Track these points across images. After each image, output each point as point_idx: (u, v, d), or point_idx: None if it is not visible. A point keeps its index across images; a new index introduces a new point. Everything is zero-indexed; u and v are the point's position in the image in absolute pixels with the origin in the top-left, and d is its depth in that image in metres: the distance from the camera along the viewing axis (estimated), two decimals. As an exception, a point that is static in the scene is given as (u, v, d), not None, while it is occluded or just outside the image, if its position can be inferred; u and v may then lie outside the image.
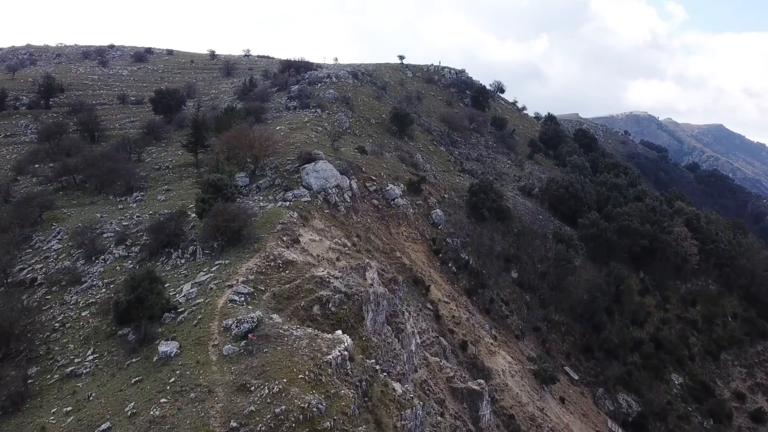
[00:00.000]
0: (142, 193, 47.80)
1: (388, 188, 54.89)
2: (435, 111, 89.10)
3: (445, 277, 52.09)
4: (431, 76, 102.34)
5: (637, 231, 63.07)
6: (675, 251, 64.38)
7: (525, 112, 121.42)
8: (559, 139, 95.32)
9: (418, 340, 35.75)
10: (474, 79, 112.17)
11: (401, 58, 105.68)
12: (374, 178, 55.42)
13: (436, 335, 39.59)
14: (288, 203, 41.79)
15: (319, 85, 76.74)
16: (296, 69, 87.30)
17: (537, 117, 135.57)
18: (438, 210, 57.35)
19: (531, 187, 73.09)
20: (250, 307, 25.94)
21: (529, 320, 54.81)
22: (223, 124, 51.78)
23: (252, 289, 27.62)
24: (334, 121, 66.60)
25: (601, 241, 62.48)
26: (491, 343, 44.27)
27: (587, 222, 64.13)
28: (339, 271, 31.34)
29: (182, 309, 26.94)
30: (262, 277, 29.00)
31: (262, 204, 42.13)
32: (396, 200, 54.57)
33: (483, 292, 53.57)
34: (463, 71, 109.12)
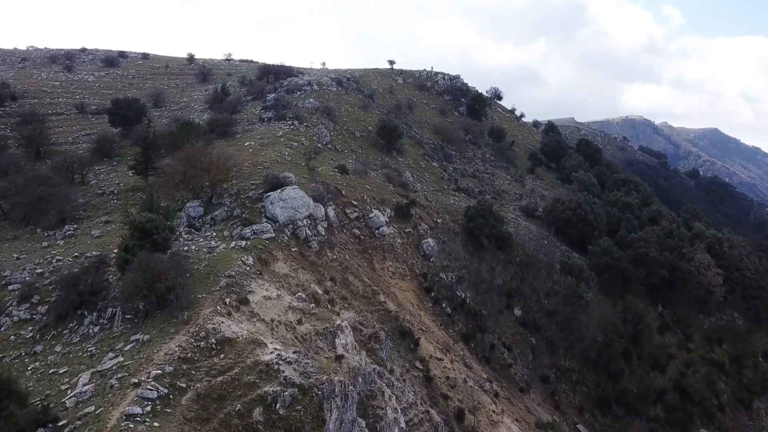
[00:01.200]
0: (75, 227, 39.99)
1: (371, 215, 47.25)
2: (427, 121, 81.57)
3: (438, 321, 44.46)
4: (423, 83, 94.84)
5: (655, 260, 55.65)
6: (697, 282, 57.01)
7: (524, 120, 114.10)
8: (562, 151, 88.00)
9: (403, 424, 28.10)
10: (470, 85, 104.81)
11: (391, 63, 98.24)
12: (356, 203, 47.79)
13: (425, 409, 31.92)
14: (245, 243, 34.12)
15: (299, 93, 69.12)
16: (275, 75, 79.63)
17: (535, 125, 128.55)
18: (430, 239, 49.73)
19: (534, 207, 65.60)
20: (156, 424, 18.22)
21: (536, 368, 47.23)
22: (177, 142, 44.04)
23: (167, 390, 19.92)
24: (312, 135, 58.97)
25: (615, 272, 55.05)
26: (493, 411, 36.62)
27: (599, 250, 56.65)
28: (294, 351, 23.69)
29: (64, 422, 19.18)
30: (185, 367, 21.34)
31: (212, 244, 34.43)
32: (381, 229, 46.94)
33: (482, 336, 45.97)
34: (457, 77, 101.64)
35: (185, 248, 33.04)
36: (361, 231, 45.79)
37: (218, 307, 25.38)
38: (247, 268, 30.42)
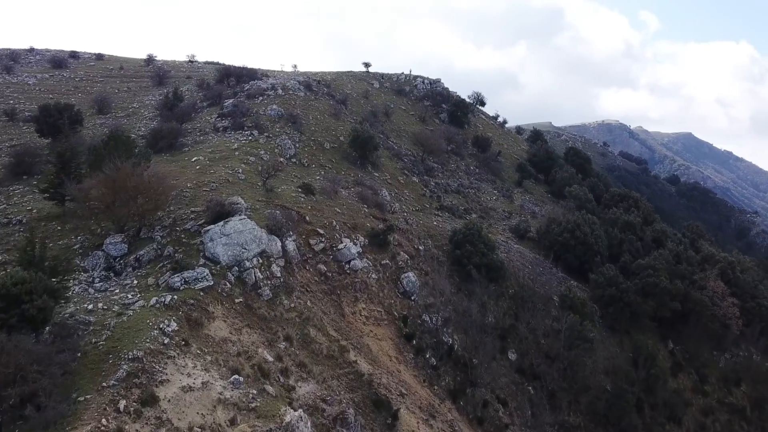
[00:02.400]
0: (-40, 269, 31.51)
1: (341, 246, 39.45)
2: (406, 130, 74.06)
3: (421, 377, 36.82)
4: (401, 87, 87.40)
5: (666, 290, 48.82)
6: (712, 314, 50.38)
7: (507, 126, 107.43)
8: (552, 161, 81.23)
9: None
10: (450, 89, 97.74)
11: (367, 65, 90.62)
12: (322, 231, 39.95)
13: None
14: (170, 297, 26.08)
15: (261, 98, 61.01)
16: (237, 78, 71.44)
17: (518, 131, 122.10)
18: (410, 273, 42.09)
19: (525, 227, 58.45)
20: None
21: (537, 426, 39.91)
22: (101, 160, 35.74)
23: None
24: (274, 147, 51.03)
25: (621, 305, 48.07)
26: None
27: (602, 279, 49.62)
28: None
29: None
30: None
31: (129, 298, 26.36)
32: (352, 263, 39.17)
33: (473, 392, 38.48)
34: (438, 81, 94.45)
35: (88, 307, 24.95)
36: (328, 266, 37.96)
37: (105, 420, 17.41)
38: (166, 341, 22.46)
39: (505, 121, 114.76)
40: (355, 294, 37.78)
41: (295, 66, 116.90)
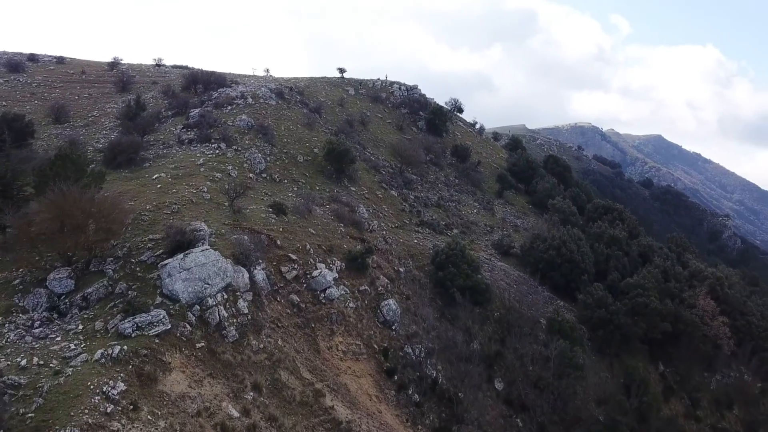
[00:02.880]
0: None
1: (316, 273, 36.32)
2: (383, 139, 71.19)
3: (404, 416, 33.88)
4: (378, 94, 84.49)
5: (656, 311, 46.78)
6: (702, 333, 48.51)
7: (484, 131, 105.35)
8: (532, 171, 79.16)
9: None
10: (428, 96, 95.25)
11: (342, 71, 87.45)
12: (295, 256, 36.79)
13: None
14: (119, 349, 22.71)
15: (229, 108, 57.50)
16: (204, 85, 67.65)
17: (495, 137, 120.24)
18: (391, 301, 39.11)
19: (509, 244, 55.97)
20: None
21: (526, 464, 37.33)
22: (46, 183, 32.01)
23: None
24: (243, 161, 47.67)
25: (611, 327, 45.82)
26: None
27: (591, 300, 47.36)
28: None
29: None
30: None
31: (71, 349, 22.94)
32: (328, 291, 36.06)
33: (459, 429, 35.67)
34: (415, 87, 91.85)
35: (22, 362, 21.45)
36: (301, 297, 34.80)
37: None
38: (110, 409, 19.09)
39: (482, 128, 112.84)
40: (331, 326, 34.68)
41: (267, 70, 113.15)
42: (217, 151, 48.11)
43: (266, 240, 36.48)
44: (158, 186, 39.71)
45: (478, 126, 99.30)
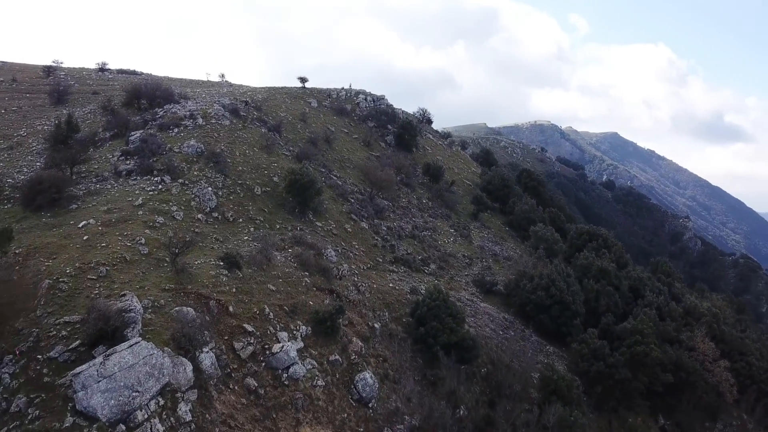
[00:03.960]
0: None
1: (276, 348, 30.23)
2: (350, 158, 65.20)
3: None
4: (342, 106, 78.35)
5: (658, 361, 42.34)
6: (705, 381, 44.37)
7: (454, 143, 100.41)
8: (508, 189, 74.41)
9: None
10: (395, 106, 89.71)
11: (303, 81, 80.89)
12: (251, 327, 30.63)
13: None
14: None
15: (176, 130, 50.59)
16: (149, 100, 60.25)
17: (463, 146, 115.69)
18: (366, 374, 33.28)
19: (492, 281, 50.87)
20: None
21: None
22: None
23: None
24: (190, 198, 41.05)
25: (611, 383, 41.13)
26: None
27: (587, 352, 42.58)
28: None
29: None
30: None
31: None
32: (292, 369, 30.05)
33: None
34: (381, 98, 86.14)
35: None
36: (259, 380, 28.69)
37: None
38: None
39: (448, 135, 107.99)
40: (296, 415, 28.68)
41: (223, 76, 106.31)
42: (160, 186, 41.35)
43: (216, 307, 30.25)
44: (85, 238, 32.88)
45: (447, 141, 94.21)
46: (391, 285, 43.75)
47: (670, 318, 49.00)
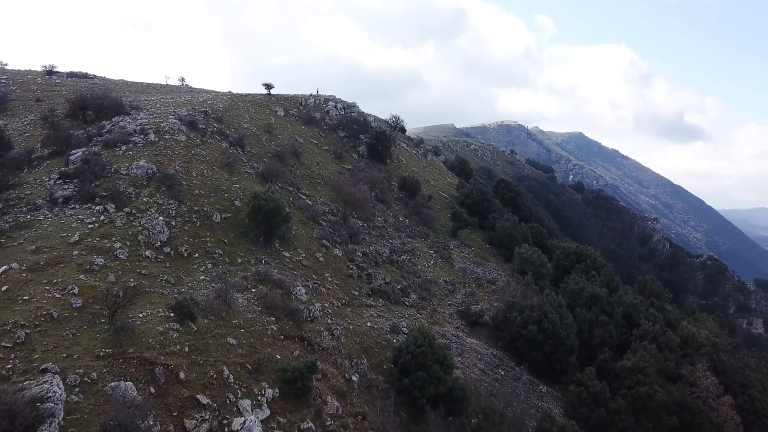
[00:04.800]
0: None
1: (237, 424, 25.17)
2: (320, 173, 60.25)
3: None
4: (311, 115, 73.32)
5: (662, 404, 38.64)
6: (710, 422, 40.90)
7: (431, 154, 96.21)
8: (488, 203, 70.47)
9: None
10: (367, 113, 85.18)
11: (268, 87, 75.60)
12: (205, 398, 25.53)
13: None
14: None
15: (124, 148, 44.87)
16: (96, 111, 54.11)
17: (436, 152, 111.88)
18: (345, 443, 28.58)
19: (478, 312, 46.62)
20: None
21: None
22: None
23: None
24: (137, 232, 35.57)
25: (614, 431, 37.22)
26: None
27: (586, 395, 38.63)
28: None
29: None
30: None
31: None
32: (256, 447, 25.08)
33: None
34: (353, 105, 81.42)
35: None
36: (216, 468, 23.65)
37: None
38: None
39: (421, 141, 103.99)
40: None
41: (183, 79, 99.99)
42: (102, 218, 35.77)
43: (164, 375, 25.08)
44: (3, 288, 27.27)
45: (421, 149, 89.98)
46: (369, 324, 39.04)
47: (668, 349, 45.58)
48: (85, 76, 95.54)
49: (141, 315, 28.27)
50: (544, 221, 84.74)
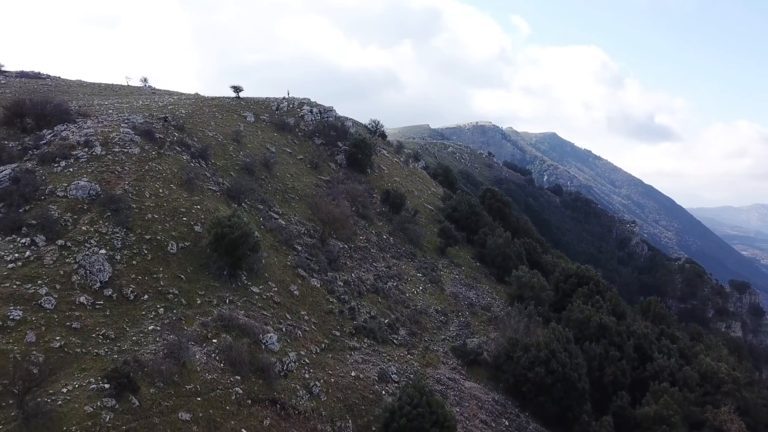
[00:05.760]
0: None
1: None
2: (295, 186, 54.12)
3: None
4: (284, 120, 66.99)
5: (692, 459, 33.69)
6: (740, 475, 36.14)
7: (412, 160, 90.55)
8: (477, 217, 65.13)
9: None
10: (345, 118, 79.09)
11: (237, 90, 68.98)
12: (147, 507, 19.39)
13: None
14: None
15: (64, 163, 38.19)
16: (37, 119, 47.12)
17: (416, 157, 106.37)
18: None
19: (474, 348, 41.08)
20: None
21: None
22: None
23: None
24: (71, 271, 29.13)
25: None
26: None
27: (607, 453, 33.34)
28: None
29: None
30: None
31: None
32: None
33: None
34: (330, 109, 75.23)
35: None
36: None
37: None
38: None
39: (401, 145, 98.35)
40: None
41: (146, 80, 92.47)
42: (28, 253, 29.29)
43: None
44: None
45: (403, 156, 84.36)
46: (353, 374, 33.19)
47: (687, 388, 40.78)
48: (36, 76, 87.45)
49: (65, 390, 22.04)
50: (534, 233, 79.88)
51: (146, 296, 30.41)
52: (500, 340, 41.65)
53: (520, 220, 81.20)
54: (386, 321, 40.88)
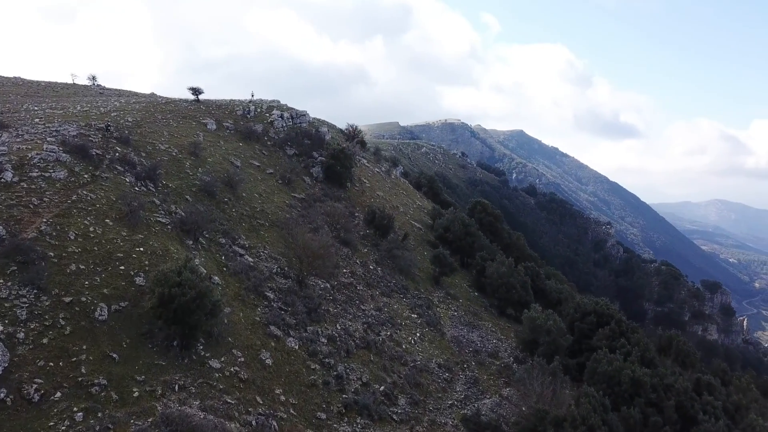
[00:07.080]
0: None
1: None
2: (265, 210, 45.52)
3: None
4: (251, 127, 58.11)
5: None
6: None
7: (394, 171, 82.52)
8: (472, 237, 57.49)
9: None
10: (320, 123, 70.76)
11: (196, 93, 59.81)
12: None
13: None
14: None
15: (-42, 196, 28.91)
16: (-63, 130, 37.50)
17: (394, 163, 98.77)
18: None
19: (492, 421, 33.22)
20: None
21: None
22: None
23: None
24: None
25: None
26: None
27: None
28: None
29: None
30: None
31: None
32: None
33: None
34: (303, 114, 66.69)
35: None
36: None
37: None
38: None
39: (378, 150, 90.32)
40: None
41: (94, 78, 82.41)
42: None
43: None
44: None
45: (385, 166, 76.30)
46: (346, 480, 25.00)
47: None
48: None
49: None
50: (526, 250, 72.82)
51: (58, 394, 21.64)
52: (520, 405, 33.97)
53: (512, 236, 73.99)
54: (381, 388, 32.75)
